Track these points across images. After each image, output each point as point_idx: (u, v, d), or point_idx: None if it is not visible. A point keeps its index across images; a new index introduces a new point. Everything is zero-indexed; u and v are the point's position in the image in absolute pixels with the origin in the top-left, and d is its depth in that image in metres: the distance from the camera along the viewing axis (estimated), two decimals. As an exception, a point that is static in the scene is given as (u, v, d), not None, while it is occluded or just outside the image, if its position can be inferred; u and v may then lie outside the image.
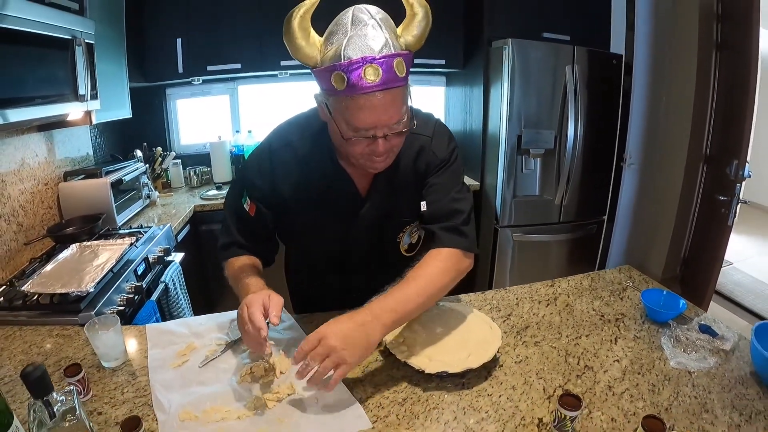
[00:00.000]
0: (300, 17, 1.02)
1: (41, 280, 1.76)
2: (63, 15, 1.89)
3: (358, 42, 0.98)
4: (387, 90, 1.01)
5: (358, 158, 1.15)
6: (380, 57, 0.98)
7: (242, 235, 1.36)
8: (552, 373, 1.20)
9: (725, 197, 3.08)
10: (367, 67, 0.97)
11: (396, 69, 1.01)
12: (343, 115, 1.06)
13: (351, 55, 0.98)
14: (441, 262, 1.22)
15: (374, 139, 1.08)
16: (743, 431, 1.00)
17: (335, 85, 1.01)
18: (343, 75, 0.99)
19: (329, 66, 1.01)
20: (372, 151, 1.11)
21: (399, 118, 1.08)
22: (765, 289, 4.43)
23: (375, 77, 0.98)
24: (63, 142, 2.56)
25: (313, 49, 1.03)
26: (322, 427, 1.02)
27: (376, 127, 1.05)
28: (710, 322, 1.44)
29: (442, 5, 3.18)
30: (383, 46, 0.99)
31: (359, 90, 0.99)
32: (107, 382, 1.19)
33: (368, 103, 1.02)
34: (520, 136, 3.19)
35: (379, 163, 1.16)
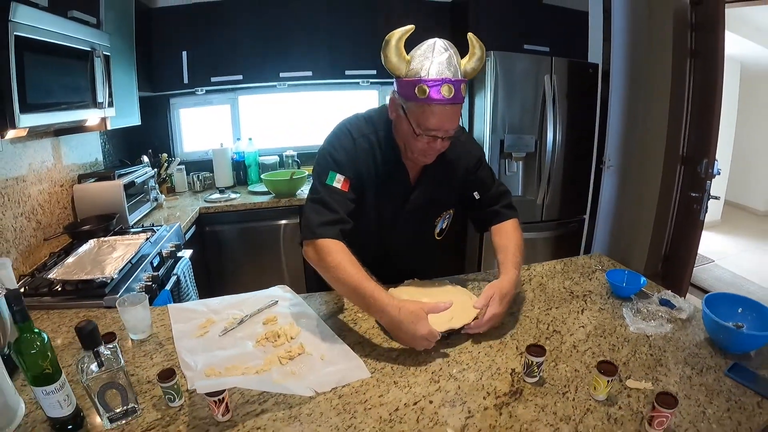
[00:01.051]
0: (398, 39, 1.30)
1: (65, 270, 1.92)
2: (83, 28, 2.08)
3: (440, 67, 1.27)
4: (454, 104, 1.31)
5: (415, 152, 1.43)
6: (455, 80, 1.28)
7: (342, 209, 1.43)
8: (524, 336, 1.40)
9: (697, 194, 3.29)
10: (444, 86, 1.27)
11: (462, 90, 1.31)
12: (417, 117, 1.33)
13: (434, 75, 1.26)
14: (515, 229, 1.66)
15: (435, 139, 1.37)
16: (694, 381, 1.18)
17: (417, 93, 1.29)
18: (425, 87, 1.27)
19: (415, 79, 1.29)
20: (431, 148, 1.40)
21: (455, 126, 1.37)
22: (744, 284, 4.62)
23: (449, 94, 1.28)
24: (76, 147, 2.73)
25: (401, 63, 1.31)
26: (328, 376, 1.20)
27: (439, 129, 1.34)
28: (669, 296, 1.63)
29: (429, 21, 3.41)
30: (455, 72, 1.29)
31: (436, 101, 1.28)
32: (136, 351, 1.36)
33: (439, 112, 1.31)
34: (502, 141, 3.41)
35: (429, 158, 1.46)
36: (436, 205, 1.67)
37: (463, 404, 1.08)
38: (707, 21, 3.43)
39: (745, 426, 1.02)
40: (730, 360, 1.27)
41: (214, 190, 3.66)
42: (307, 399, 1.11)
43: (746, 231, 6.36)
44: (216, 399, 1.02)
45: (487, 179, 1.69)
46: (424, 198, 1.61)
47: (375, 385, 1.17)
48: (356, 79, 3.72)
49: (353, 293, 1.33)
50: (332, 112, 3.96)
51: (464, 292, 1.58)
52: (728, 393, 1.13)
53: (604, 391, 1.08)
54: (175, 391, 1.08)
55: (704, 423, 1.02)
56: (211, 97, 3.86)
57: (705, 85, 3.47)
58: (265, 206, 3.32)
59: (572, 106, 3.54)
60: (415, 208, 1.61)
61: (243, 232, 3.33)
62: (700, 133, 3.56)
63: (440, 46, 1.30)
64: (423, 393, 1.13)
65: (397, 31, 1.31)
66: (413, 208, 1.61)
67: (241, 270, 3.39)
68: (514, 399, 1.10)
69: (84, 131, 2.46)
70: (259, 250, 3.40)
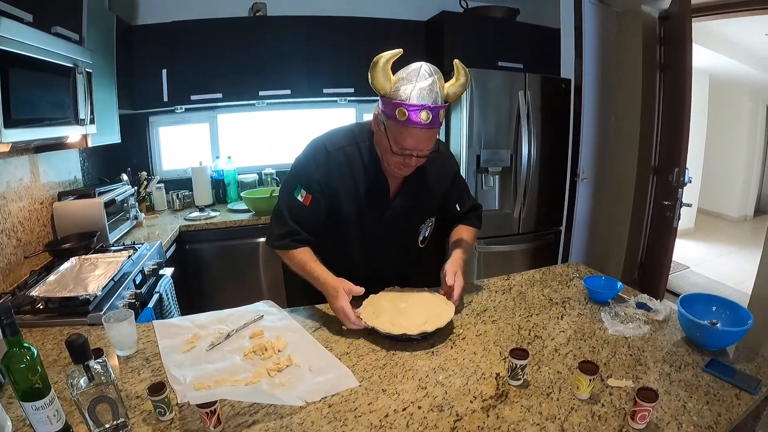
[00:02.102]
0: (386, 61, 1.38)
1: (47, 287, 1.89)
2: (66, 44, 2.08)
3: (422, 92, 1.36)
4: (430, 129, 1.40)
5: (391, 165, 1.53)
6: (434, 106, 1.37)
7: (296, 223, 1.61)
8: (507, 342, 1.44)
9: (669, 202, 3.39)
10: (423, 111, 1.35)
11: (440, 116, 1.40)
12: (395, 136, 1.43)
13: (414, 100, 1.35)
14: (475, 234, 1.88)
15: (410, 156, 1.46)
16: (673, 378, 1.24)
17: (398, 115, 1.37)
18: (405, 111, 1.36)
19: (396, 101, 1.37)
20: (406, 163, 1.49)
21: (430, 147, 1.47)
22: (720, 287, 4.76)
23: (426, 119, 1.36)
24: (56, 165, 2.71)
25: (387, 83, 1.38)
26: (317, 386, 1.22)
27: (414, 150, 1.44)
28: (646, 300, 1.69)
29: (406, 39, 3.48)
30: (436, 99, 1.37)
31: (413, 125, 1.37)
32: (124, 367, 1.35)
33: (416, 134, 1.40)
34: (479, 156, 3.48)
35: (404, 172, 1.56)
36: (417, 213, 1.75)
37: (451, 408, 1.11)
38: (675, 35, 3.57)
39: (725, 417, 1.07)
40: (707, 356, 1.33)
41: (193, 208, 3.64)
42: (298, 409, 1.13)
43: (720, 237, 6.54)
44: (208, 410, 1.03)
45: (464, 192, 1.87)
46: (405, 206, 1.69)
47: (364, 393, 1.19)
48: (334, 98, 3.76)
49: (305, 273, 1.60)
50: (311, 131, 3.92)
51: (440, 298, 1.62)
52: (707, 387, 1.19)
53: (587, 390, 1.12)
54: (165, 405, 1.09)
55: (685, 416, 1.07)
56: (190, 116, 3.85)
57: (674, 97, 3.60)
58: (245, 224, 3.33)
59: (546, 120, 3.64)
60: (396, 216, 1.69)
61: (223, 250, 3.33)
62: (670, 143, 3.68)
63: (425, 71, 1.38)
64: (411, 399, 1.16)
65: (385, 54, 1.38)
66: (395, 216, 1.69)
67: (222, 287, 3.38)
68: (501, 401, 1.14)
69: (64, 148, 2.45)
70: (239, 267, 3.39)
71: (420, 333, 1.41)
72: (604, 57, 4.03)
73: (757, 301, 3.04)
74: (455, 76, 1.45)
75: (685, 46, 3.21)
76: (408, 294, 1.66)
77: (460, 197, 1.84)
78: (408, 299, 1.61)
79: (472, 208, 1.89)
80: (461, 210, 1.84)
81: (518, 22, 3.95)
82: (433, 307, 1.54)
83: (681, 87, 3.33)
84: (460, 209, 1.83)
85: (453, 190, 1.80)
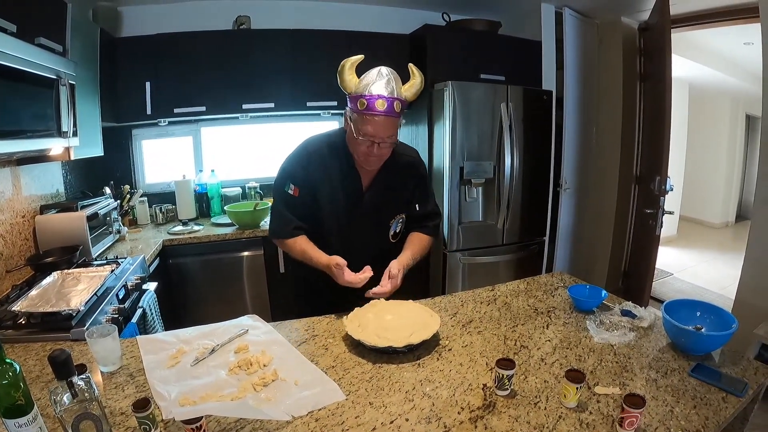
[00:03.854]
0: (351, 64, 1.64)
1: (29, 302, 1.86)
2: (50, 56, 2.06)
3: (379, 87, 1.59)
4: (386, 116, 1.61)
5: (360, 157, 1.73)
6: (388, 97, 1.59)
7: (293, 214, 1.85)
8: (493, 352, 1.44)
9: (651, 210, 3.43)
10: (379, 100, 1.58)
11: (395, 106, 1.61)
12: (358, 124, 1.65)
13: (373, 92, 1.59)
14: (428, 242, 1.99)
15: (372, 144, 1.65)
16: (660, 383, 1.26)
17: (359, 106, 1.61)
18: (365, 101, 1.59)
19: (359, 94, 1.60)
20: (370, 152, 1.68)
21: (389, 135, 1.66)
22: (704, 293, 4.81)
23: (382, 107, 1.59)
24: (37, 178, 2.68)
25: (352, 83, 1.63)
26: (304, 400, 1.21)
27: (374, 136, 1.64)
28: (630, 307, 1.71)
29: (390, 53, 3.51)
30: (391, 92, 1.60)
31: (371, 111, 1.60)
32: (107, 383, 1.33)
33: (373, 121, 1.61)
34: (462, 167, 3.49)
35: (372, 164, 1.76)
36: (387, 208, 1.92)
37: (439, 420, 1.11)
38: (655, 46, 3.64)
39: (713, 420, 1.09)
40: (693, 361, 1.35)
41: (176, 222, 3.61)
42: (285, 424, 1.12)
43: (703, 244, 6.63)
44: (194, 426, 1.02)
45: (427, 196, 2.02)
46: (376, 200, 1.87)
47: (351, 406, 1.19)
48: (318, 111, 3.77)
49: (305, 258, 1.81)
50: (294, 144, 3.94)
51: (425, 310, 1.63)
52: (693, 392, 1.21)
53: (574, 398, 1.13)
54: (150, 421, 1.07)
55: (673, 421, 1.08)
56: (173, 128, 3.83)
57: (655, 107, 3.66)
58: (229, 238, 3.30)
59: (528, 132, 3.67)
60: (368, 209, 1.87)
61: (207, 264, 3.30)
62: (651, 152, 3.73)
63: (383, 72, 1.62)
64: (398, 412, 1.15)
65: (349, 59, 1.65)
66: (367, 209, 1.87)
67: (206, 302, 3.34)
68: (488, 412, 1.14)
69: (47, 161, 2.42)
70: (223, 281, 3.37)
71: (406, 345, 1.42)
72: (585, 68, 4.09)
73: (740, 305, 3.09)
74: (411, 78, 1.69)
75: (665, 56, 3.27)
76: (393, 306, 1.65)
77: (422, 199, 1.98)
78: (393, 311, 1.61)
79: (431, 214, 2.01)
80: (419, 211, 1.97)
81: (500, 35, 3.99)
82: (419, 319, 1.54)
83: (661, 96, 3.39)
84: (419, 209, 1.97)
85: (417, 191, 1.96)
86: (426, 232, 1.99)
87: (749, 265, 3.07)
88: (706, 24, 3.72)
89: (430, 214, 2.01)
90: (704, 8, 3.61)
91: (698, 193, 7.56)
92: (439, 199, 3.58)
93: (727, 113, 7.32)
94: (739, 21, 3.47)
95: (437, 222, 2.05)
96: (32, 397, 1.01)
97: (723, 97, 7.16)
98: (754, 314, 2.87)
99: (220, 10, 3.71)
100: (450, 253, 3.63)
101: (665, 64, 3.29)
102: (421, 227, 1.99)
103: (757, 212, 3.05)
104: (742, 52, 5.04)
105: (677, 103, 4.51)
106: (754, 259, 3.03)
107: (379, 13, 4.11)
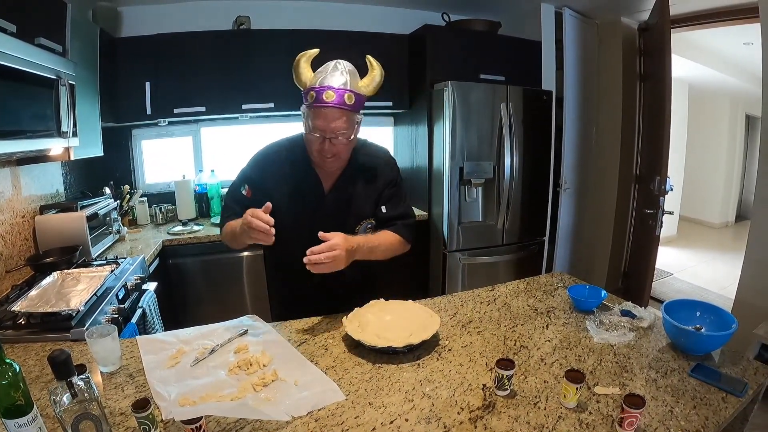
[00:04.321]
0: (306, 59, 1.60)
1: (29, 302, 1.86)
2: (49, 56, 2.06)
3: (330, 78, 1.54)
4: (336, 108, 1.54)
5: (315, 154, 1.65)
6: (338, 88, 1.53)
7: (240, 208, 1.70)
8: (493, 352, 1.44)
9: (651, 210, 3.43)
10: (327, 91, 1.53)
11: (346, 98, 1.54)
12: (310, 118, 1.58)
13: (323, 84, 1.53)
14: (395, 240, 1.79)
15: (323, 139, 1.58)
16: (659, 383, 1.26)
17: (309, 99, 1.56)
18: (314, 93, 1.54)
19: (310, 87, 1.55)
20: (323, 149, 1.60)
21: (341, 129, 1.58)
22: (703, 293, 4.81)
23: (329, 99, 1.52)
24: (37, 178, 2.67)
25: (307, 78, 1.58)
26: (304, 401, 1.21)
27: (325, 130, 1.56)
28: (630, 307, 1.71)
29: (389, 53, 3.51)
30: (343, 83, 1.54)
31: (319, 104, 1.54)
32: (107, 383, 1.33)
33: (322, 113, 1.55)
34: (462, 168, 3.50)
35: (329, 162, 1.67)
36: (351, 211, 1.81)
37: (438, 420, 1.11)
38: (655, 46, 3.64)
39: (713, 420, 1.09)
40: (693, 361, 1.35)
41: (176, 222, 3.61)
42: (284, 424, 1.12)
43: (703, 243, 6.64)
44: (193, 426, 1.02)
45: (398, 198, 1.87)
46: (339, 203, 1.78)
47: (350, 407, 1.19)
48: (318, 111, 3.75)
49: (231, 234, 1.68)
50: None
51: (425, 310, 1.62)
52: (693, 392, 1.21)
53: (574, 398, 1.13)
54: (150, 421, 1.07)
55: (673, 421, 1.08)
56: (173, 129, 3.83)
57: (655, 107, 3.66)
58: (229, 238, 3.30)
59: (528, 132, 3.67)
60: (331, 212, 1.77)
61: (207, 264, 3.30)
62: (651, 152, 3.73)
63: (337, 65, 1.58)
64: (398, 412, 1.15)
65: (304, 53, 1.61)
66: (329, 212, 1.77)
67: (206, 302, 3.34)
68: (488, 412, 1.14)
69: (46, 161, 2.42)
70: (223, 281, 3.37)
71: (405, 345, 1.42)
72: (585, 68, 4.09)
73: (740, 306, 3.09)
74: (369, 71, 1.63)
75: (665, 56, 3.28)
76: (393, 306, 1.65)
77: (390, 201, 1.84)
78: (393, 311, 1.61)
79: (400, 216, 1.85)
80: (386, 213, 1.82)
81: (500, 35, 3.99)
82: (419, 320, 1.54)
83: (661, 97, 3.39)
84: (385, 212, 1.82)
85: (386, 193, 1.83)
86: (394, 230, 1.80)
87: (749, 265, 3.07)
88: (706, 24, 3.73)
89: (399, 216, 1.84)
90: (704, 8, 3.62)
91: (698, 193, 7.56)
92: (439, 200, 3.59)
93: (727, 113, 7.33)
94: (739, 21, 3.47)
95: (408, 223, 1.86)
96: (32, 398, 1.01)
97: (723, 98, 7.17)
98: (754, 314, 2.87)
99: (220, 10, 3.71)
100: (450, 253, 3.63)
101: (665, 65, 3.29)
102: (389, 226, 1.82)
103: (757, 212, 3.05)
104: (742, 52, 5.04)
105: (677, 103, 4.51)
106: (754, 259, 3.03)
107: (379, 13, 4.11)
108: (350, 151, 1.71)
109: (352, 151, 1.74)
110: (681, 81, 6.37)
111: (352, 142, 1.68)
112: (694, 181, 7.31)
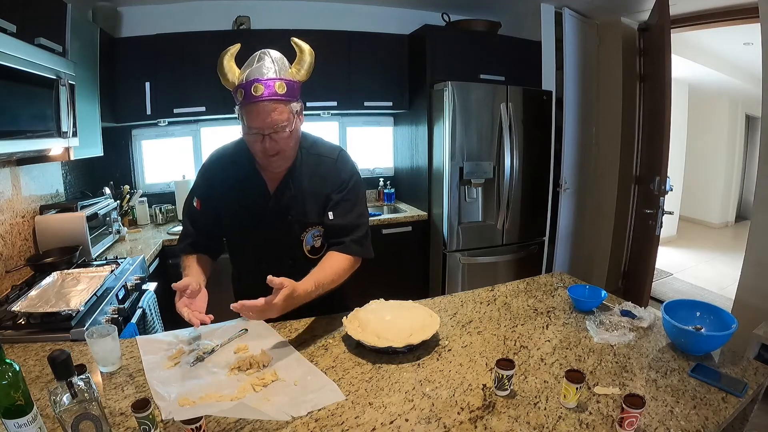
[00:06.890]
0: (229, 56, 1.48)
1: (28, 303, 1.87)
2: (49, 56, 2.06)
3: (256, 70, 1.43)
4: (270, 102, 1.42)
5: (259, 155, 1.53)
6: (266, 79, 1.42)
7: (194, 228, 1.73)
8: (493, 352, 1.44)
9: (651, 210, 3.44)
10: (256, 85, 1.41)
11: (277, 88, 1.42)
12: (243, 119, 1.48)
13: (249, 78, 1.42)
14: (344, 263, 1.62)
15: (263, 138, 1.47)
16: (659, 384, 1.26)
17: (239, 98, 1.45)
18: (242, 90, 1.43)
19: (237, 85, 1.44)
20: (263, 149, 1.49)
21: (279, 123, 1.45)
22: (703, 293, 4.82)
23: (257, 92, 1.41)
24: (37, 178, 2.68)
25: (233, 77, 1.46)
26: (303, 401, 1.20)
27: (262, 128, 1.45)
28: (630, 307, 1.71)
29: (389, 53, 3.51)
30: (275, 73, 1.43)
31: (250, 100, 1.42)
32: (107, 384, 1.33)
33: (255, 109, 1.43)
34: (462, 168, 3.51)
35: (274, 162, 1.55)
36: (297, 219, 1.67)
37: (438, 420, 1.11)
38: (654, 46, 3.64)
39: (713, 420, 1.09)
40: (693, 361, 1.35)
41: (176, 222, 3.62)
42: (284, 424, 1.11)
43: (702, 244, 6.64)
44: (193, 427, 1.02)
45: (348, 205, 1.67)
46: (281, 209, 1.65)
47: (350, 407, 1.18)
48: (317, 111, 3.76)
49: None
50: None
51: (425, 310, 1.62)
52: (693, 392, 1.20)
53: (574, 398, 1.13)
54: (150, 422, 1.07)
55: (673, 421, 1.08)
56: (173, 129, 3.84)
57: (654, 107, 3.66)
58: (228, 238, 3.30)
59: (528, 132, 3.68)
60: (274, 217, 1.66)
61: (207, 264, 3.29)
62: (651, 152, 3.74)
63: (259, 56, 1.47)
64: (398, 412, 1.15)
65: (227, 50, 1.50)
66: (273, 218, 1.66)
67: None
68: (488, 412, 1.14)
69: (46, 161, 2.42)
70: (222, 281, 3.33)
71: (405, 345, 1.41)
72: (585, 69, 4.09)
73: (740, 306, 3.09)
74: (298, 53, 1.52)
75: (665, 56, 3.28)
76: (393, 306, 1.65)
77: (338, 207, 1.65)
78: (393, 311, 1.60)
79: (349, 226, 1.66)
80: (334, 221, 1.65)
81: (500, 35, 4.00)
82: (419, 320, 1.54)
83: (661, 97, 3.39)
84: (333, 219, 1.65)
85: (334, 198, 1.65)
86: (343, 250, 1.63)
87: (749, 266, 3.07)
88: (705, 24, 3.73)
89: (347, 227, 1.65)
90: (704, 8, 3.62)
91: (698, 193, 7.56)
92: (439, 200, 3.59)
93: (727, 114, 7.33)
94: (739, 21, 3.48)
95: (357, 238, 1.65)
96: (32, 398, 1.01)
97: (722, 98, 7.18)
98: (754, 314, 2.87)
99: (220, 10, 3.72)
100: (450, 253, 3.63)
101: (665, 65, 3.29)
102: (338, 244, 1.65)
103: (756, 212, 3.05)
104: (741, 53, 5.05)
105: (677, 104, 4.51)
106: (754, 259, 3.03)
107: (379, 13, 4.11)
108: (296, 146, 1.59)
109: (299, 150, 1.62)
110: (681, 81, 6.37)
111: (295, 135, 1.54)
112: (694, 181, 7.32)
